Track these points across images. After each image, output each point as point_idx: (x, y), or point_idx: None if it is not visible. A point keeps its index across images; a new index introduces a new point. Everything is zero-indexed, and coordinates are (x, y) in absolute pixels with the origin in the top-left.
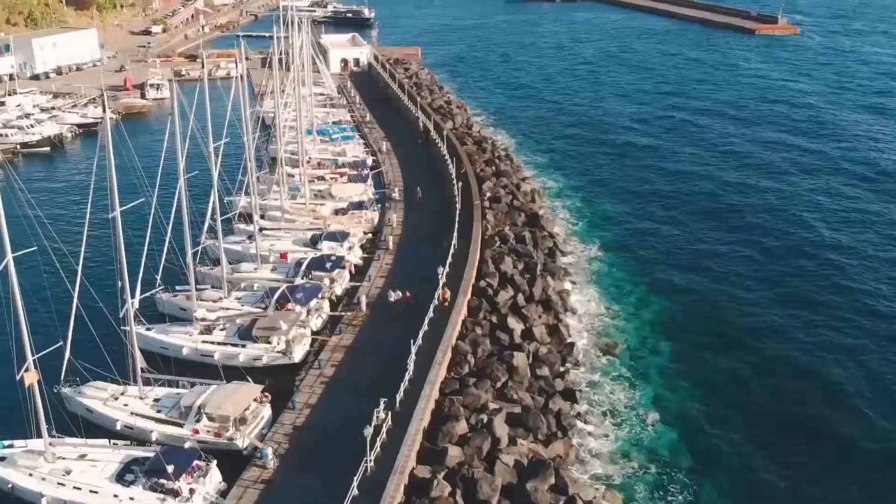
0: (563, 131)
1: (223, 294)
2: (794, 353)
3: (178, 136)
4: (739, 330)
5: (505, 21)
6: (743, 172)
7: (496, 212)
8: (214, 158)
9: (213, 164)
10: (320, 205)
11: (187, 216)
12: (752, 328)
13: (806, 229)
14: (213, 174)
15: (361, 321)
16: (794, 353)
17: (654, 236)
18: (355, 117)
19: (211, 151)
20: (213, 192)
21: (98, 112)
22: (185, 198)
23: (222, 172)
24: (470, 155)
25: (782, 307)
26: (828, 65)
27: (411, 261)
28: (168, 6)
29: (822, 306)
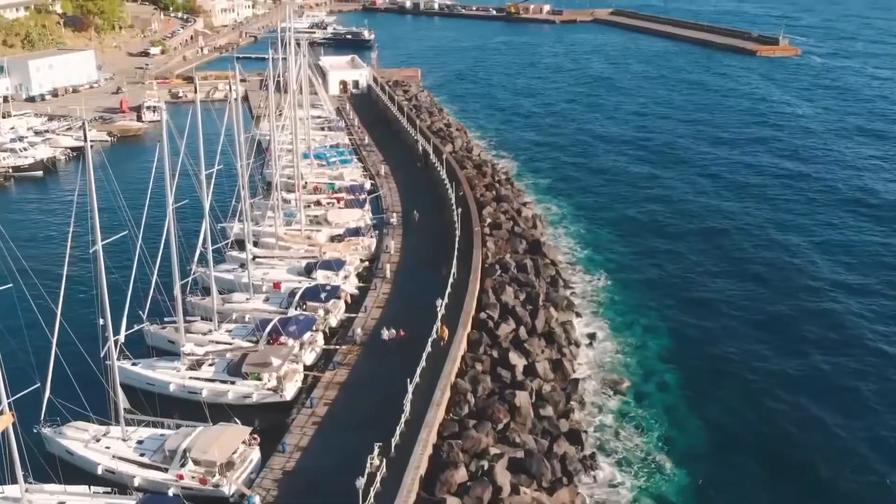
0: (564, 155)
1: (213, 326)
2: (808, 389)
3: (166, 163)
4: (749, 363)
5: (504, 43)
6: (748, 199)
7: (496, 238)
8: (206, 185)
9: (204, 192)
10: (316, 231)
11: (176, 246)
12: (763, 361)
13: (809, 257)
14: (205, 203)
15: (356, 355)
16: (809, 389)
17: (659, 264)
18: (354, 140)
19: (202, 179)
20: (205, 221)
21: (93, 135)
22: (173, 228)
23: (216, 198)
24: (470, 179)
25: (792, 338)
26: (830, 87)
27: (409, 290)
28: (167, 28)
29: (829, 338)
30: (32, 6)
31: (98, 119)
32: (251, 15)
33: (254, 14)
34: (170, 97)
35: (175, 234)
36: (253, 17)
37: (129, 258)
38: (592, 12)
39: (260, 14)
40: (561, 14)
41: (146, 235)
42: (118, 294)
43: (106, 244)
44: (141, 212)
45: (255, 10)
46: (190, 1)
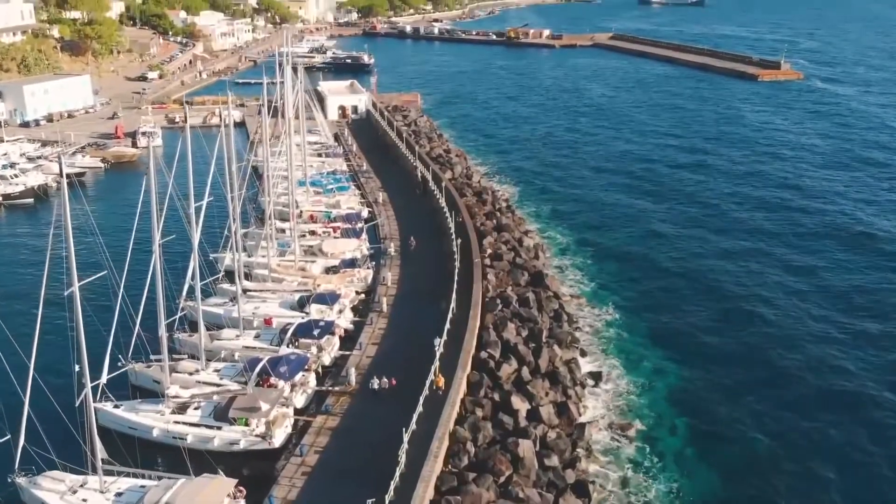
0: (566, 181)
1: (200, 366)
2: (826, 431)
3: (153, 196)
4: (764, 407)
5: (504, 67)
6: (756, 230)
7: (497, 270)
8: (196, 218)
9: (193, 226)
10: (310, 262)
11: (161, 283)
12: (779, 405)
13: (816, 295)
14: (194, 237)
15: (350, 397)
16: (827, 432)
17: (666, 297)
18: (352, 166)
19: (191, 213)
20: (193, 257)
21: (87, 161)
22: (159, 264)
23: (209, 225)
24: (469, 207)
25: (808, 382)
26: (834, 112)
27: (406, 326)
28: (166, 52)
29: (842, 380)
30: (30, 31)
31: (92, 145)
32: (251, 39)
33: (254, 38)
34: (166, 122)
35: (161, 269)
36: (253, 41)
37: (115, 293)
38: (592, 37)
39: (260, 38)
40: (560, 39)
41: (134, 269)
42: (102, 332)
43: (88, 283)
44: (128, 245)
45: (256, 34)
46: (190, 25)
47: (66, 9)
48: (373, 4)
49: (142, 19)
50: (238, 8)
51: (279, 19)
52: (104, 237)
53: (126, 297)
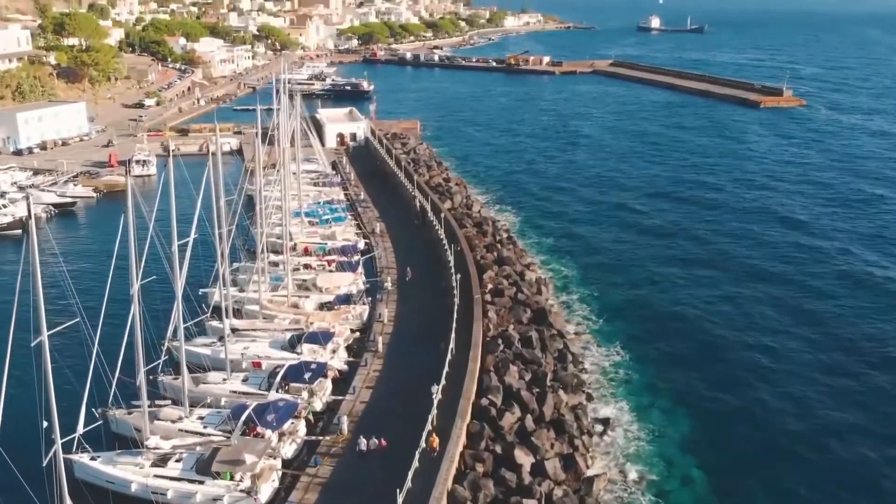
0: (569, 211)
1: (184, 413)
2: (851, 483)
3: (131, 236)
4: (783, 454)
5: (505, 93)
6: (770, 263)
7: (498, 307)
8: (181, 255)
9: (176, 266)
10: (304, 297)
11: (140, 327)
12: (799, 451)
13: (841, 320)
14: (177, 279)
15: (342, 447)
16: (852, 484)
17: (676, 333)
18: (349, 195)
19: (175, 250)
20: (178, 302)
21: (78, 190)
22: (138, 309)
23: (201, 257)
24: (469, 239)
25: (828, 422)
26: (838, 140)
27: (403, 368)
28: (164, 79)
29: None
30: (26, 57)
31: (84, 173)
32: (251, 66)
33: (254, 65)
34: (162, 150)
35: (140, 314)
36: (253, 68)
37: (94, 336)
38: (592, 63)
39: (260, 65)
40: (561, 65)
41: (116, 311)
42: (84, 378)
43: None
44: (110, 282)
45: (256, 60)
46: (189, 52)
47: (63, 35)
48: (373, 31)
49: (141, 46)
50: (238, 35)
51: (279, 46)
52: (88, 272)
53: (109, 339)
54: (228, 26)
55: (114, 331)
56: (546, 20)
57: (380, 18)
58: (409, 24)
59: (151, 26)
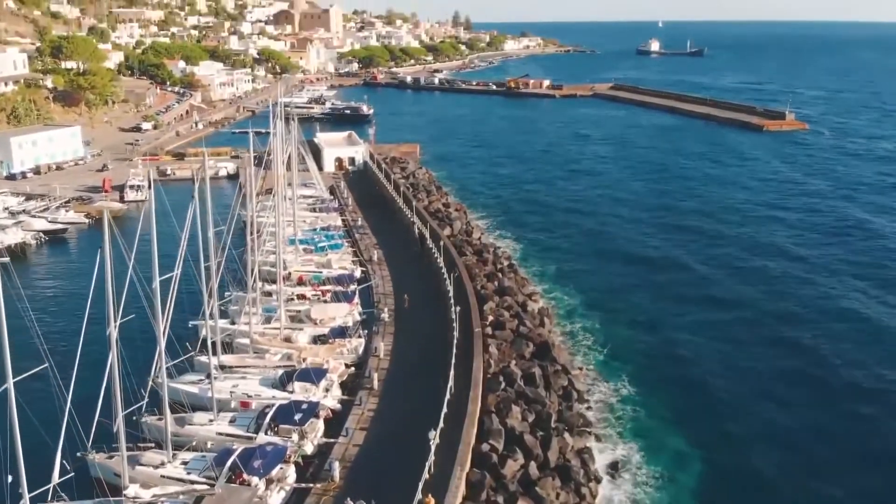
0: (571, 236)
1: (167, 457)
2: None
3: (108, 273)
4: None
5: (505, 117)
6: (779, 290)
7: (500, 341)
8: (170, 288)
9: (157, 306)
10: (297, 330)
11: (119, 368)
12: (820, 488)
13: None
14: (159, 320)
15: (333, 496)
16: None
17: (686, 366)
18: (347, 221)
19: (156, 287)
20: (160, 343)
21: (70, 216)
22: (115, 350)
23: (192, 285)
24: (469, 268)
25: (851, 456)
26: (843, 164)
27: (399, 407)
28: (162, 102)
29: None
30: (22, 81)
31: (77, 199)
32: (250, 89)
33: (253, 88)
34: (157, 175)
35: (117, 355)
36: (253, 91)
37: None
38: (592, 87)
39: (260, 88)
40: (561, 89)
41: (98, 350)
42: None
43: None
44: (94, 319)
45: (256, 84)
46: (189, 75)
47: (61, 59)
48: (374, 55)
49: (140, 69)
50: (238, 58)
51: (280, 69)
52: (73, 305)
53: (93, 379)
54: (229, 49)
55: (98, 371)
56: (546, 44)
57: (380, 42)
58: (409, 47)
59: (151, 49)
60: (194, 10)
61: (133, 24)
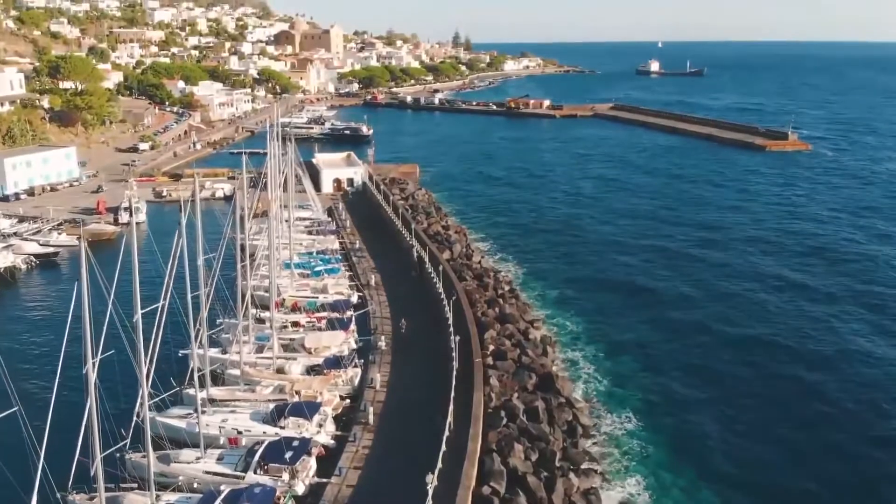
0: (573, 259)
1: (150, 500)
2: None
3: (86, 308)
4: None
5: (505, 138)
6: (787, 316)
7: (501, 372)
8: (147, 324)
9: (139, 339)
10: (290, 360)
11: (97, 407)
12: None
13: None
14: (140, 357)
15: None
16: None
17: (690, 394)
18: (344, 244)
19: (138, 320)
20: (143, 383)
21: (62, 239)
22: (92, 385)
23: (177, 319)
24: (469, 293)
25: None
26: (849, 184)
27: (396, 444)
28: (161, 122)
29: None
30: (18, 101)
31: (69, 221)
32: (250, 109)
33: (253, 108)
34: (153, 196)
35: (95, 394)
36: (252, 111)
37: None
38: (593, 107)
39: (260, 108)
40: (561, 109)
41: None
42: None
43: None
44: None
45: (255, 104)
46: (188, 95)
47: (59, 79)
48: (374, 75)
49: (139, 89)
50: (238, 78)
51: (280, 89)
52: (53, 338)
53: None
54: (229, 70)
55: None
56: (545, 64)
57: (381, 62)
58: (409, 67)
59: (151, 69)
60: (195, 31)
61: (133, 45)
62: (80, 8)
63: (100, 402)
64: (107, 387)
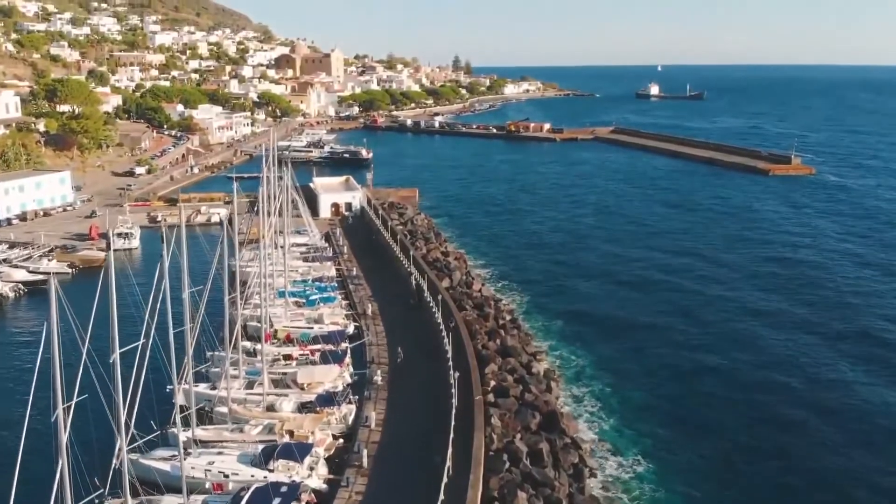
0: (577, 288)
1: None
2: None
3: (55, 349)
4: None
5: (505, 161)
6: (804, 348)
7: (503, 411)
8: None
9: (118, 380)
10: (282, 396)
11: (68, 461)
12: None
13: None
14: (118, 399)
15: None
16: None
17: (700, 429)
18: (341, 271)
19: (116, 358)
20: (121, 431)
21: (53, 266)
22: (63, 438)
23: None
24: (469, 324)
25: None
26: (852, 210)
27: (391, 490)
28: (159, 146)
29: None
30: (14, 124)
31: (60, 247)
32: (249, 133)
33: (252, 132)
34: (148, 221)
35: (67, 448)
36: (252, 134)
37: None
38: (593, 130)
39: (259, 132)
40: (561, 132)
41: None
42: None
43: None
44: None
45: (255, 127)
46: (187, 118)
47: (55, 102)
48: (375, 98)
49: (137, 112)
50: (238, 101)
51: (280, 113)
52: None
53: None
54: (229, 93)
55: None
56: (545, 87)
57: (381, 86)
58: (410, 91)
59: (150, 93)
60: (195, 55)
61: (134, 68)
62: (81, 31)
63: (73, 447)
64: (85, 430)
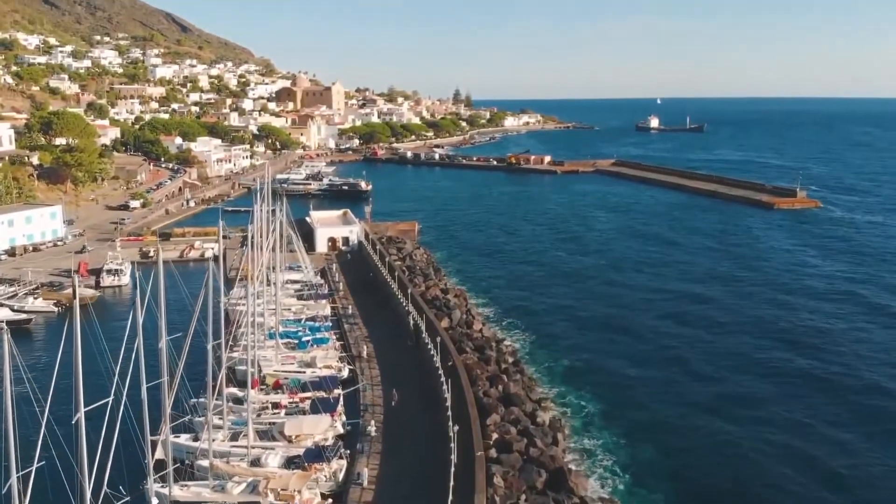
0: (583, 327)
1: None
2: None
3: (9, 410)
4: None
5: (506, 193)
6: (823, 390)
7: (506, 468)
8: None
9: (83, 441)
10: (268, 449)
11: None
12: None
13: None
14: (83, 472)
15: None
16: None
17: (718, 488)
18: (336, 309)
19: (80, 417)
20: (84, 493)
21: (38, 304)
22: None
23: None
24: (469, 368)
25: None
26: (860, 244)
27: None
28: (155, 179)
29: None
30: (7, 157)
31: (46, 285)
32: (248, 165)
33: (251, 164)
34: (140, 257)
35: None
36: (251, 167)
37: None
38: (594, 163)
39: (258, 164)
40: (562, 165)
41: None
42: None
43: None
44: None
45: (254, 160)
46: (185, 151)
47: (51, 135)
48: (375, 131)
49: (135, 145)
50: (238, 134)
51: (280, 145)
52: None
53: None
54: (228, 125)
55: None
56: (545, 120)
57: (382, 119)
58: (410, 123)
59: (148, 125)
60: (196, 87)
61: (134, 101)
62: (82, 64)
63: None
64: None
